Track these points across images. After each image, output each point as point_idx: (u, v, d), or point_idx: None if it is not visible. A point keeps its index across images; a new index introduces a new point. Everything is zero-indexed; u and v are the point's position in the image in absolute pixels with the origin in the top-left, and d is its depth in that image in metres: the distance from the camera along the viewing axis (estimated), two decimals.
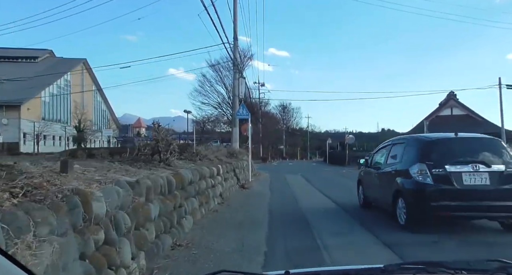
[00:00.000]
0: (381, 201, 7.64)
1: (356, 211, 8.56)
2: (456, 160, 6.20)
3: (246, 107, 15.95)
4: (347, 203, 9.51)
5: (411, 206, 6.32)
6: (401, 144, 7.40)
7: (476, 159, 6.24)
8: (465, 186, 6.07)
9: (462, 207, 6.04)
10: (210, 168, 9.05)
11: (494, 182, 6.10)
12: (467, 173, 6.10)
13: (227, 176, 11.42)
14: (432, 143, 6.88)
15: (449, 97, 52.57)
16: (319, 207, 9.28)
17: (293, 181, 17.68)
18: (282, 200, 10.74)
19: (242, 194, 11.77)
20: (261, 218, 7.46)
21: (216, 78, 38.81)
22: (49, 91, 46.24)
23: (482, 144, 6.78)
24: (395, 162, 7.21)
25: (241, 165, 15.10)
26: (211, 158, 11.53)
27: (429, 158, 6.35)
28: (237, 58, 20.00)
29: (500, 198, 6.07)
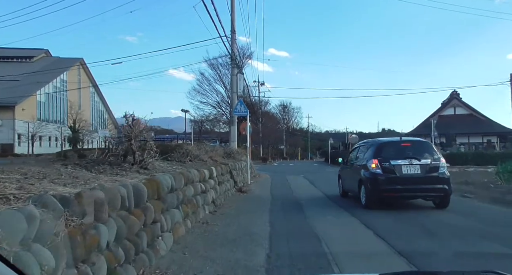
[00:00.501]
0: (352, 189, 9.90)
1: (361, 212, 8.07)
2: (398, 156, 8.45)
3: (244, 104, 14.54)
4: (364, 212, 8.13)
5: (368, 190, 8.57)
6: (364, 146, 9.88)
7: (411, 155, 8.42)
8: (403, 175, 8.29)
9: (401, 189, 8.33)
10: (201, 170, 7.65)
11: (423, 172, 8.32)
12: (405, 165, 8.32)
13: (222, 179, 10.02)
14: (383, 145, 9.25)
15: (452, 96, 51.15)
16: (329, 216, 7.88)
17: (295, 183, 16.28)
18: (285, 207, 9.33)
19: (239, 199, 10.37)
20: (261, 233, 6.06)
21: (214, 76, 37.44)
22: (45, 91, 44.93)
23: (417, 145, 9.04)
24: (360, 159, 9.49)
25: (239, 166, 13.70)
26: (204, 159, 10.12)
27: (380, 155, 8.60)
28: (235, 52, 18.61)
29: (427, 183, 8.30)
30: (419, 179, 8.27)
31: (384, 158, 8.47)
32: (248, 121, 16.24)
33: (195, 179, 6.92)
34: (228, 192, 10.55)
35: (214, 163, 10.49)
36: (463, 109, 51.18)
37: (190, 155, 9.31)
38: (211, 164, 9.89)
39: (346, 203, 9.69)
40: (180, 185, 5.76)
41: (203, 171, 7.74)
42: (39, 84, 42.58)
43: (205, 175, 7.79)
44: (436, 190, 8.39)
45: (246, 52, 35.41)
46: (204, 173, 7.78)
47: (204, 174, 7.76)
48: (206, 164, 9.70)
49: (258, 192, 12.31)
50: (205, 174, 7.79)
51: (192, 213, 6.32)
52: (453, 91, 51.39)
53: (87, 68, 49.67)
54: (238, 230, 6.28)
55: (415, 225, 6.75)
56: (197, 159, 9.65)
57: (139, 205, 4.15)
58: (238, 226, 6.54)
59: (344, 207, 9.01)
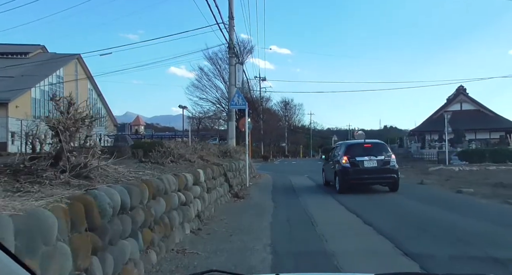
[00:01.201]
0: (331, 179, 12.17)
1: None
2: (362, 154, 11.19)
3: (242, 95, 12.61)
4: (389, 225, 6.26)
5: (340, 179, 11.26)
6: (339, 146, 12.85)
7: (371, 153, 11.18)
8: (365, 167, 11.05)
9: (364, 178, 11.14)
10: (181, 175, 5.73)
11: (379, 165, 11.08)
12: (366, 160, 11.05)
13: (214, 184, 8.10)
14: (351, 145, 12.11)
15: (458, 92, 49.06)
16: (348, 230, 6.00)
17: (300, 184, 14.37)
18: (290, 218, 7.42)
19: (234, 208, 8.44)
20: (260, 266, 4.15)
21: (214, 71, 35.48)
22: (40, 87, 43.09)
23: (375, 146, 11.75)
24: (336, 156, 12.02)
25: (235, 166, 11.78)
26: (192, 159, 8.20)
27: (349, 153, 11.27)
28: (233, 39, 16.66)
29: (382, 172, 11.10)
30: (376, 170, 11.07)
31: (352, 156, 11.20)
32: (247, 116, 14.33)
33: (170, 188, 5.00)
34: (221, 199, 8.64)
35: (204, 164, 8.59)
36: (470, 104, 49.13)
37: (173, 155, 7.40)
38: (200, 166, 7.99)
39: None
40: (140, 201, 3.85)
41: (184, 176, 5.82)
42: (34, 80, 40.81)
43: (186, 182, 5.88)
44: (388, 178, 11.25)
45: (246, 46, 33.46)
46: (186, 178, 5.86)
47: (186, 180, 5.84)
48: (193, 165, 7.79)
49: (257, 197, 10.39)
50: (186, 180, 5.87)
51: (162, 239, 4.40)
52: (460, 86, 49.34)
53: (85, 64, 47.85)
54: (227, 261, 4.36)
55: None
56: (182, 159, 7.73)
57: (35, 251, 2.25)
58: (229, 255, 4.60)
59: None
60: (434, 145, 32.22)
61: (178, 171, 6.37)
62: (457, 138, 30.55)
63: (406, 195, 10.49)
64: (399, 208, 8.59)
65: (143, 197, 3.94)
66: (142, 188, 3.96)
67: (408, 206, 8.91)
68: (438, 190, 11.51)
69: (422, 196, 10.30)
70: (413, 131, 48.52)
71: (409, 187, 12.46)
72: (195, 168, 7.42)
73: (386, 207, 8.82)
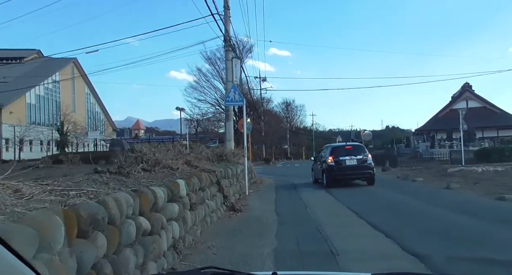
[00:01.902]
0: (320, 177, 14.40)
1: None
2: (343, 154, 13.31)
3: (239, 90, 10.81)
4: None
5: (327, 176, 13.33)
6: (326, 148, 15.18)
7: (351, 154, 13.30)
8: (347, 165, 13.14)
9: (346, 174, 13.13)
10: (146, 192, 3.94)
11: (358, 163, 13.17)
12: (347, 160, 13.17)
13: (201, 197, 6.29)
14: (335, 147, 14.54)
15: (464, 89, 47.09)
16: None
17: (307, 191, 12.55)
18: (299, 239, 5.64)
19: (228, 226, 6.60)
20: None
21: (212, 72, 33.72)
22: (35, 92, 41.46)
23: (355, 147, 14.28)
24: (323, 157, 14.25)
25: (232, 172, 9.96)
26: (175, 165, 6.40)
27: (334, 154, 13.41)
28: (229, 31, 14.89)
29: (360, 169, 13.19)
30: (356, 167, 13.03)
31: (336, 156, 13.15)
32: (246, 115, 12.57)
33: (121, 213, 3.20)
34: (212, 215, 6.82)
35: (190, 171, 6.79)
36: (476, 102, 47.13)
37: (146, 161, 5.60)
38: (184, 174, 6.19)
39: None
40: (33, 254, 2.08)
41: (150, 192, 4.01)
42: (29, 85, 39.24)
43: (155, 200, 4.06)
44: (365, 174, 13.20)
45: (246, 45, 31.76)
46: (154, 195, 4.05)
47: (154, 197, 4.03)
48: (175, 174, 5.99)
49: (258, 209, 8.57)
50: (155, 198, 4.06)
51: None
52: (465, 83, 47.43)
53: (81, 68, 46.26)
54: None
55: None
56: (160, 166, 5.93)
57: None
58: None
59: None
60: (444, 144, 30.32)
61: (148, 184, 4.59)
62: (468, 136, 28.62)
63: (436, 205, 8.49)
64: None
65: (44, 242, 2.14)
66: (44, 228, 2.16)
67: (451, 228, 6.06)
68: (472, 197, 9.55)
69: (458, 206, 8.21)
70: (418, 130, 46.63)
71: (435, 193, 10.62)
72: (176, 177, 5.63)
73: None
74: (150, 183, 4.71)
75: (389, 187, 12.77)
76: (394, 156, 25.41)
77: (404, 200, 9.58)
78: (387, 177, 16.61)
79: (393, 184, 13.81)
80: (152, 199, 4.03)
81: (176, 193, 4.90)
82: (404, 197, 9.99)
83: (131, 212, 3.48)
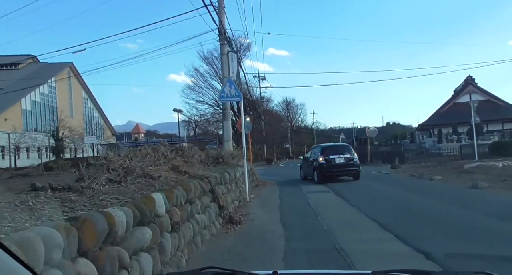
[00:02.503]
0: (310, 174, 15.48)
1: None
2: (333, 153, 14.61)
3: (235, 84, 9.49)
4: None
5: (318, 173, 14.51)
6: (316, 148, 16.73)
7: (340, 153, 14.68)
8: (336, 163, 14.36)
9: (335, 171, 14.43)
10: (89, 221, 2.64)
11: (346, 161, 14.47)
12: (336, 158, 14.41)
13: (188, 212, 4.96)
14: (325, 147, 15.76)
15: (467, 82, 45.76)
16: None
17: (314, 193, 11.23)
18: (314, 263, 4.35)
19: (223, 247, 5.24)
20: None
21: (210, 72, 32.45)
22: (31, 98, 40.22)
23: (343, 147, 15.84)
24: (313, 156, 15.47)
25: (231, 177, 8.65)
26: (155, 173, 5.09)
27: (324, 153, 14.71)
28: (223, 24, 13.58)
29: (348, 167, 14.50)
30: (344, 165, 14.55)
31: (326, 155, 14.62)
32: (243, 112, 11.27)
33: (33, 264, 1.92)
34: (203, 232, 5.49)
35: (176, 179, 5.48)
36: (480, 95, 45.66)
37: (114, 170, 4.29)
38: (165, 184, 4.90)
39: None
40: None
41: (95, 220, 2.68)
42: (24, 91, 38.03)
43: (104, 231, 2.75)
44: (352, 171, 14.72)
45: (243, 43, 30.48)
46: (107, 222, 2.75)
47: (100, 228, 2.72)
48: (154, 184, 4.68)
49: (260, 220, 7.24)
50: (104, 228, 2.74)
51: None
52: (468, 76, 46.15)
53: (78, 73, 45.00)
54: None
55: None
56: (135, 176, 4.62)
57: None
58: None
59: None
60: (452, 139, 28.95)
61: (108, 202, 3.28)
62: (476, 130, 27.22)
63: (477, 210, 7.09)
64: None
65: None
66: None
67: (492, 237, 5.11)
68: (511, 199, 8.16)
69: (503, 212, 6.83)
70: (421, 125, 45.29)
71: (464, 195, 9.24)
72: (154, 190, 4.32)
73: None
74: (112, 201, 3.40)
75: (407, 188, 11.40)
76: (401, 153, 24.05)
77: (433, 204, 8.18)
78: (400, 176, 15.28)
79: (411, 185, 12.42)
80: (104, 228, 2.71)
81: (149, 212, 3.59)
82: (430, 201, 8.60)
83: (60, 255, 2.17)
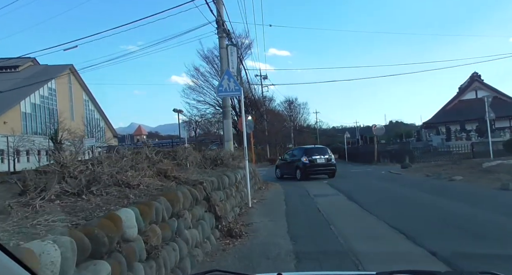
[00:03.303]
0: (289, 173, 16.90)
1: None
2: (314, 154, 16.32)
3: (234, 78, 8.42)
4: None
5: (302, 171, 15.98)
6: (297, 149, 18.98)
7: (320, 154, 16.44)
8: (318, 163, 16.08)
9: (316, 170, 16.09)
10: None
11: (325, 161, 16.25)
12: (318, 158, 16.14)
13: (177, 228, 3.92)
14: (307, 149, 17.66)
15: (472, 79, 44.56)
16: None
17: (323, 197, 10.14)
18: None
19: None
20: None
21: (211, 71, 31.41)
22: (30, 101, 39.34)
23: (321, 149, 17.59)
24: (296, 156, 17.06)
25: (230, 180, 7.58)
26: (133, 181, 4.04)
27: (307, 154, 16.36)
28: (221, 14, 12.54)
29: (327, 166, 16.29)
30: (324, 165, 16.34)
31: (309, 155, 16.33)
32: (244, 110, 10.22)
33: None
34: (196, 250, 4.44)
35: (163, 186, 4.43)
36: (486, 91, 44.39)
37: (73, 177, 3.23)
38: (147, 194, 3.85)
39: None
40: None
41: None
42: (24, 94, 37.20)
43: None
44: (330, 169, 16.49)
45: (244, 41, 29.43)
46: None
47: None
48: (128, 196, 3.62)
49: (264, 230, 6.16)
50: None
51: None
52: (474, 73, 45.03)
53: (78, 75, 44.14)
54: None
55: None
56: (102, 185, 3.56)
57: None
58: None
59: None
60: (461, 136, 27.75)
61: (44, 227, 2.23)
62: (484, 126, 26.03)
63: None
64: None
65: None
66: None
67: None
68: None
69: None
70: (426, 123, 44.11)
71: (495, 197, 8.11)
72: (126, 203, 3.28)
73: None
74: (51, 226, 2.34)
75: (426, 190, 10.24)
76: (410, 151, 22.89)
77: (464, 209, 7.06)
78: (414, 176, 14.11)
79: (430, 186, 11.21)
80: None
81: (109, 238, 2.53)
82: (460, 205, 7.46)
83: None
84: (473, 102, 42.59)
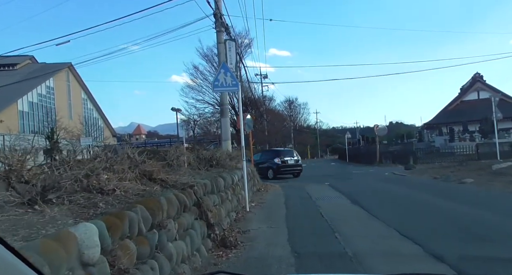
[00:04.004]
0: (263, 173, 16.17)
1: None
2: (285, 156, 19.00)
3: (231, 71, 7.77)
4: None
5: (274, 171, 18.07)
6: (269, 151, 21.71)
7: (290, 155, 19.25)
8: (288, 164, 18.62)
9: (287, 170, 18.57)
10: None
11: (294, 162, 19.00)
12: (288, 160, 18.75)
13: (160, 242, 3.30)
14: (279, 151, 20.52)
15: (474, 80, 44.00)
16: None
17: (326, 200, 9.51)
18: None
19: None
20: None
21: (210, 70, 30.76)
22: (28, 99, 38.68)
23: (290, 151, 20.61)
24: (269, 158, 18.76)
25: (226, 183, 6.94)
26: (107, 187, 3.39)
27: (280, 155, 18.83)
28: (219, 7, 11.90)
29: (295, 166, 18.99)
30: (293, 165, 18.59)
31: (282, 157, 18.51)
32: (241, 107, 9.59)
33: None
34: (182, 267, 3.78)
35: (145, 191, 3.78)
36: (488, 92, 43.83)
37: (23, 182, 2.57)
38: (121, 201, 3.19)
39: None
40: None
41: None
42: (21, 92, 36.58)
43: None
44: (298, 170, 18.84)
45: (244, 40, 28.77)
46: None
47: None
48: (97, 204, 2.97)
49: (262, 240, 5.51)
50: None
51: None
52: (476, 73, 44.49)
53: (77, 73, 43.57)
54: None
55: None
56: (64, 192, 2.91)
57: None
58: None
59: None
60: (465, 137, 27.11)
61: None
62: (491, 128, 25.38)
63: None
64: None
65: None
66: None
67: None
68: None
69: None
70: (428, 124, 43.51)
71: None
72: (93, 214, 2.64)
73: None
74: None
75: (436, 193, 9.56)
76: (413, 152, 22.24)
77: (486, 217, 6.37)
78: (420, 179, 13.42)
79: (439, 189, 10.56)
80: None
81: (56, 268, 1.88)
82: (480, 213, 6.75)
83: None
84: (475, 102, 42.06)
